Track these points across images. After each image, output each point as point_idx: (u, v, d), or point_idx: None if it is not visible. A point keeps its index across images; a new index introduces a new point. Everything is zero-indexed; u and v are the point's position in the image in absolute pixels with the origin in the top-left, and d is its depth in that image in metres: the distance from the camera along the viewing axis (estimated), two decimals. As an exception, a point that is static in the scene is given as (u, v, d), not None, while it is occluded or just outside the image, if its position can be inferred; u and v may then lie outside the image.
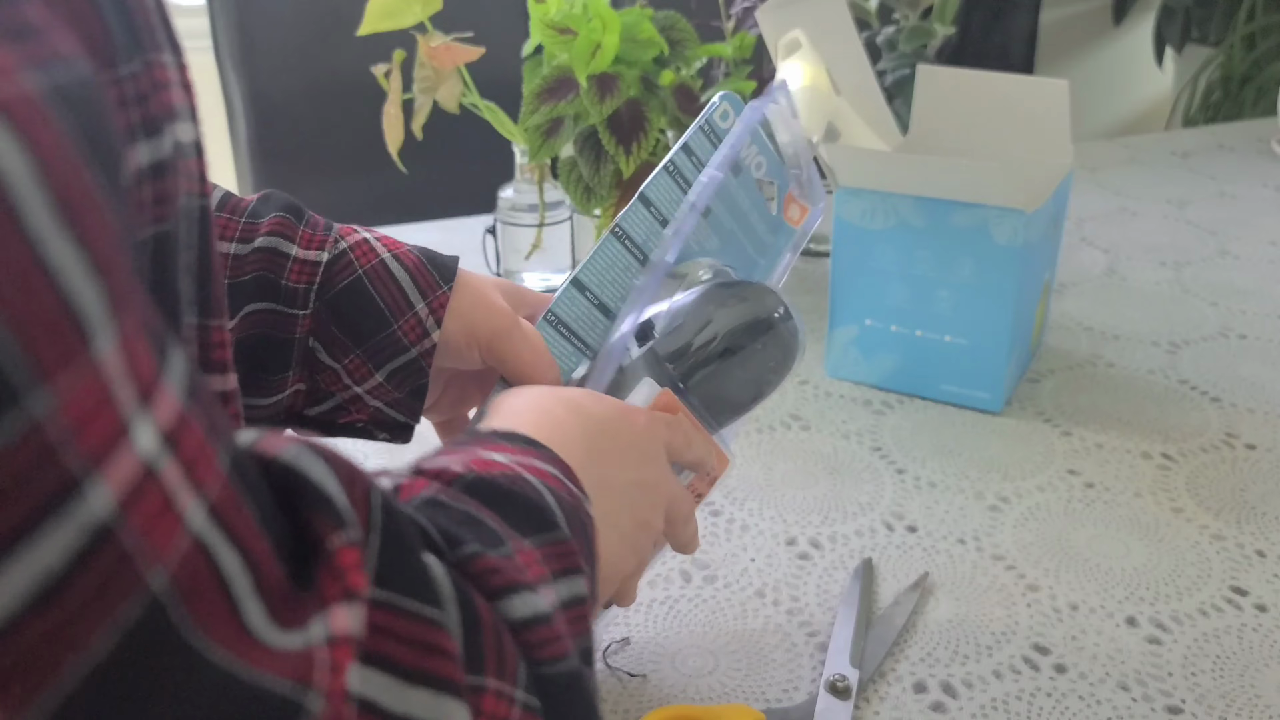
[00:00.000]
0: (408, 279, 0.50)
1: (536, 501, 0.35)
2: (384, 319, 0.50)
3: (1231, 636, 0.57)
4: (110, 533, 0.19)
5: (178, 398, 0.21)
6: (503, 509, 0.33)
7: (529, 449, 0.39)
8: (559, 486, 0.37)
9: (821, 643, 0.57)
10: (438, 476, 0.34)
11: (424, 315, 0.50)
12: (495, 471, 0.35)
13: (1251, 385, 0.82)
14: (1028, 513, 0.68)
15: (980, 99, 0.83)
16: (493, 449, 0.37)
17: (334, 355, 0.51)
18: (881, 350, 0.81)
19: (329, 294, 0.50)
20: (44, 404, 0.18)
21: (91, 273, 0.19)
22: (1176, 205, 1.18)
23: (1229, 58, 2.10)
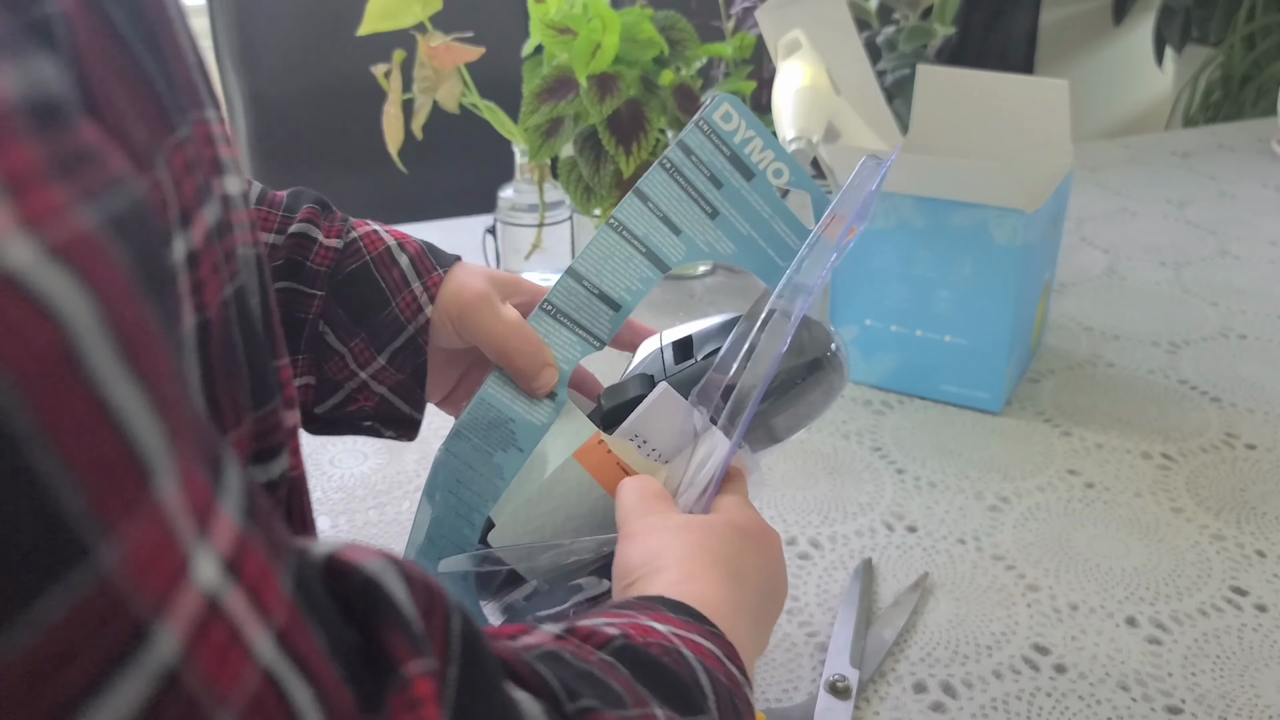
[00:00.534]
0: (408, 262, 0.54)
1: (687, 678, 0.34)
2: (385, 298, 0.53)
3: (1231, 636, 0.57)
4: (179, 676, 0.18)
5: (236, 521, 0.20)
6: (649, 680, 0.32)
7: (693, 623, 0.38)
8: (718, 667, 0.36)
9: (821, 643, 0.57)
10: (589, 638, 0.33)
11: (419, 293, 0.53)
12: (651, 640, 0.34)
13: (1251, 385, 0.82)
14: (1028, 513, 0.68)
15: (980, 99, 0.83)
16: (655, 619, 0.37)
17: (341, 338, 0.54)
18: (882, 350, 0.81)
19: (339, 277, 0.54)
20: (111, 555, 0.17)
21: (152, 412, 0.18)
22: (1176, 205, 1.18)
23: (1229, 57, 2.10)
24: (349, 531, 0.65)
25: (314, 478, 0.70)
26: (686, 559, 0.43)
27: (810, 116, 0.73)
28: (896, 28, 1.05)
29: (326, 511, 0.67)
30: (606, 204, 0.91)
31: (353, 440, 0.74)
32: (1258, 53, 2.08)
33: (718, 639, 0.38)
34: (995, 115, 0.82)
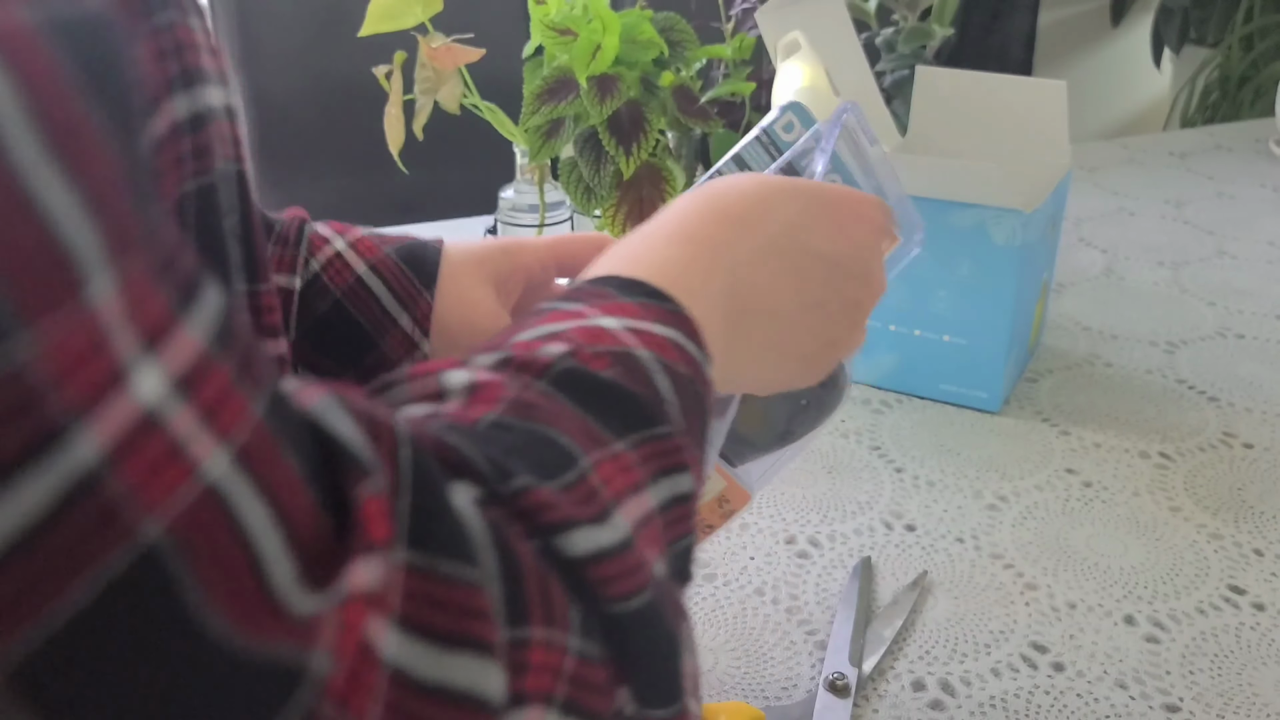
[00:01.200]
0: (386, 293, 0.48)
1: (642, 390, 0.31)
2: (369, 341, 0.48)
3: (1229, 635, 0.58)
4: (97, 481, 0.18)
5: (199, 341, 0.20)
6: (596, 407, 0.30)
7: (649, 304, 0.34)
8: (676, 358, 0.33)
9: (820, 641, 0.57)
10: (527, 367, 0.30)
11: (409, 328, 0.48)
12: (601, 348, 0.32)
13: (1249, 385, 0.83)
14: (1026, 512, 0.68)
15: (979, 100, 0.83)
16: (605, 309, 0.34)
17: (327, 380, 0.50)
18: (880, 350, 0.81)
19: (308, 323, 0.48)
20: (26, 348, 0.17)
21: (86, 212, 0.18)
22: (1174, 205, 1.19)
23: (1227, 58, 2.11)
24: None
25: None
26: (676, 215, 0.40)
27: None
28: (895, 29, 1.05)
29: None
30: (607, 204, 0.91)
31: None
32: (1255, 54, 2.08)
33: (676, 318, 0.35)
34: (994, 116, 0.83)
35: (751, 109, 0.96)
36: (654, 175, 0.91)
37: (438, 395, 0.29)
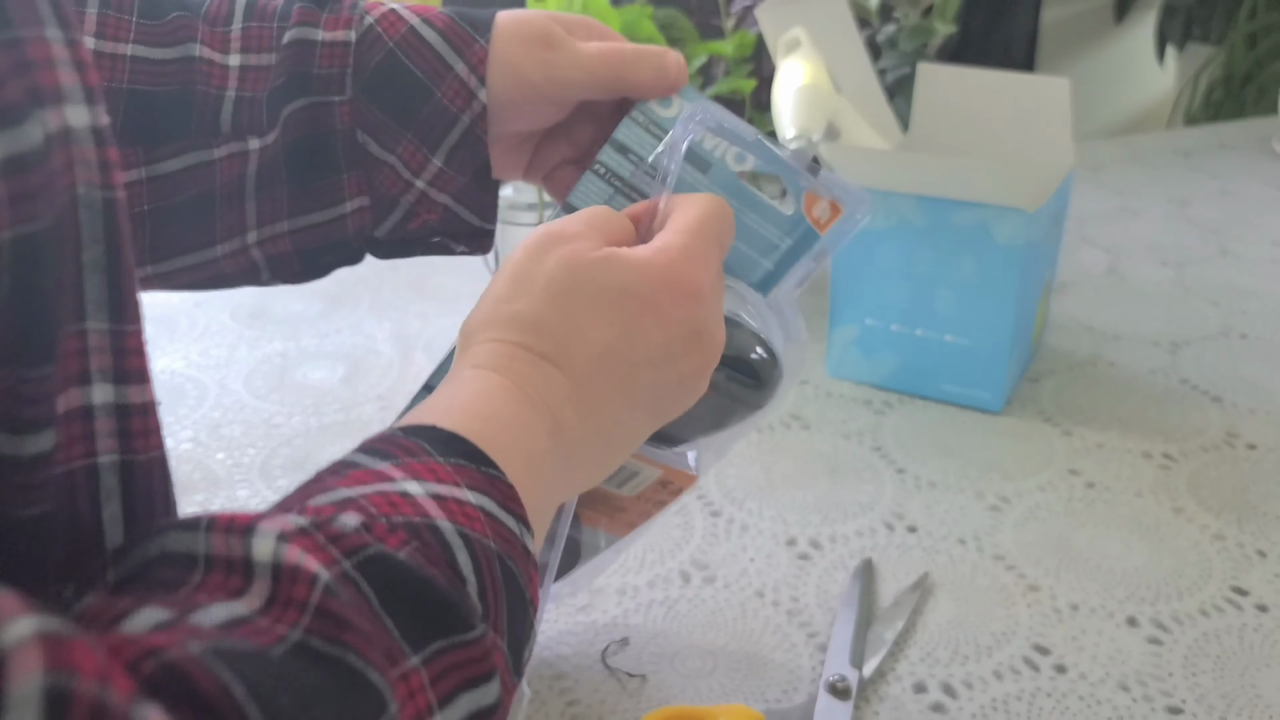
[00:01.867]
0: (440, 40, 0.46)
1: (444, 593, 0.28)
2: (424, 89, 0.46)
3: (1232, 637, 0.57)
4: None
5: None
6: (397, 608, 0.27)
7: (463, 466, 0.32)
8: (482, 531, 0.31)
9: (821, 643, 0.57)
10: (335, 541, 0.27)
11: (464, 75, 0.46)
12: (398, 519, 0.29)
13: (1253, 385, 0.82)
14: (1028, 513, 0.67)
15: (981, 98, 0.83)
16: (413, 470, 0.31)
17: (385, 145, 0.47)
18: (882, 350, 0.80)
19: (364, 76, 0.47)
20: None
21: None
22: (1178, 204, 1.18)
23: (1230, 56, 2.10)
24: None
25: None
26: (500, 350, 0.37)
27: (810, 115, 0.73)
28: (897, 26, 1.05)
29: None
30: (607, 203, 0.91)
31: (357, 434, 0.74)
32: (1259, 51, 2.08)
33: (491, 482, 0.32)
34: (996, 114, 0.82)
35: (752, 106, 0.95)
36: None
37: (240, 586, 0.26)
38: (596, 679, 0.55)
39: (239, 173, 0.48)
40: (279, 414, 0.78)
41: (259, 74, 0.47)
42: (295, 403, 0.80)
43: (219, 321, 0.91)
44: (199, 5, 0.49)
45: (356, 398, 0.80)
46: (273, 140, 0.48)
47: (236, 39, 0.48)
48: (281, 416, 0.78)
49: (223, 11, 0.49)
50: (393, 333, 0.89)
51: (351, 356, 0.86)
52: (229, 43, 0.48)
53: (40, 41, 0.25)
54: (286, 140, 0.47)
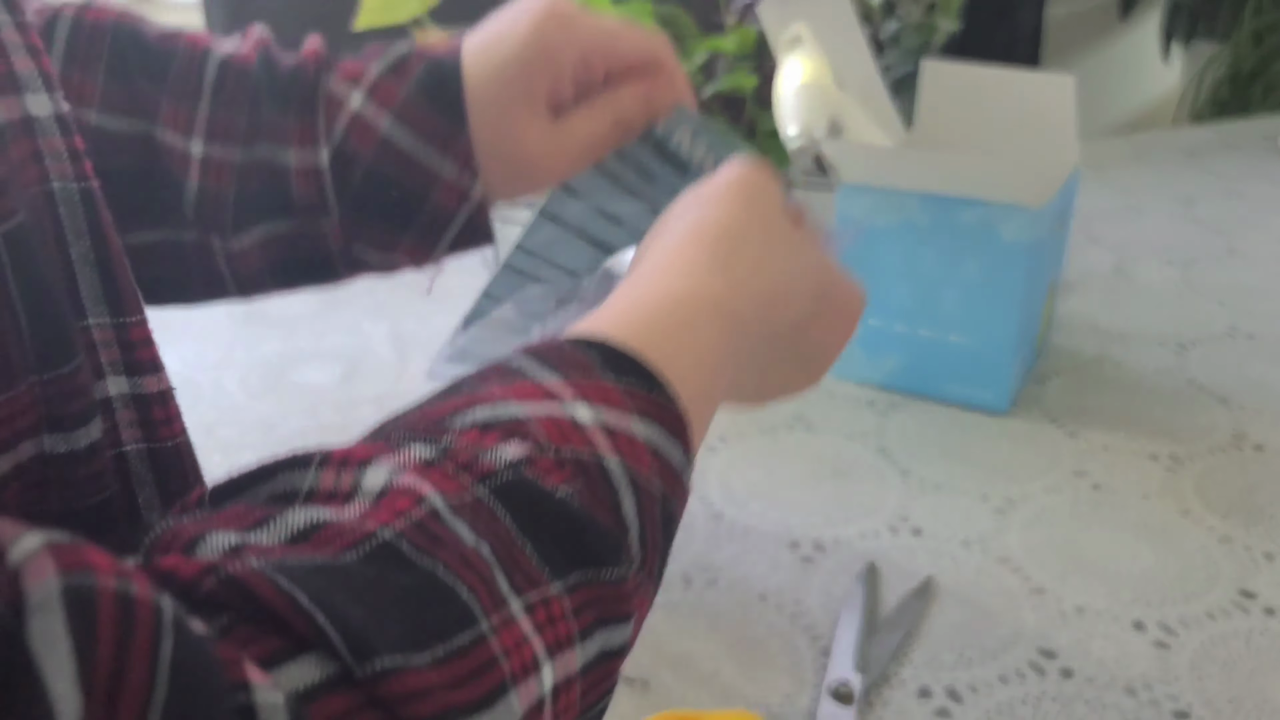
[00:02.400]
0: (418, 145, 0.43)
1: (598, 523, 0.27)
2: (416, 199, 0.44)
3: (1240, 640, 0.57)
4: None
5: None
6: (538, 534, 0.26)
7: (635, 391, 0.29)
8: (648, 469, 0.29)
9: (825, 647, 0.56)
10: (468, 467, 0.25)
11: (454, 177, 0.44)
12: (565, 452, 0.27)
13: (1260, 386, 0.81)
14: (1034, 515, 0.67)
15: (985, 94, 0.82)
16: (582, 391, 0.29)
17: (385, 247, 0.45)
18: (886, 350, 0.80)
19: (349, 194, 0.44)
20: None
21: None
22: (1184, 203, 1.18)
23: (1236, 53, 2.09)
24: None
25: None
26: (672, 255, 0.35)
27: (813, 113, 0.72)
28: (900, 22, 1.04)
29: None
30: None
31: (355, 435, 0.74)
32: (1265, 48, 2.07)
33: (662, 411, 0.30)
34: (1001, 111, 0.82)
35: (754, 104, 0.95)
36: (656, 172, 0.90)
37: (348, 495, 0.25)
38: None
39: (210, 265, 0.46)
40: (275, 415, 0.78)
41: (223, 168, 0.45)
42: (292, 404, 0.79)
43: (214, 322, 0.91)
44: (167, 59, 0.45)
45: (354, 398, 0.80)
46: (249, 249, 0.45)
47: (202, 123, 0.45)
48: (278, 417, 0.77)
49: (190, 80, 0.45)
50: (390, 333, 0.89)
51: (349, 357, 0.85)
52: (193, 124, 0.45)
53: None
54: (270, 259, 0.45)
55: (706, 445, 0.74)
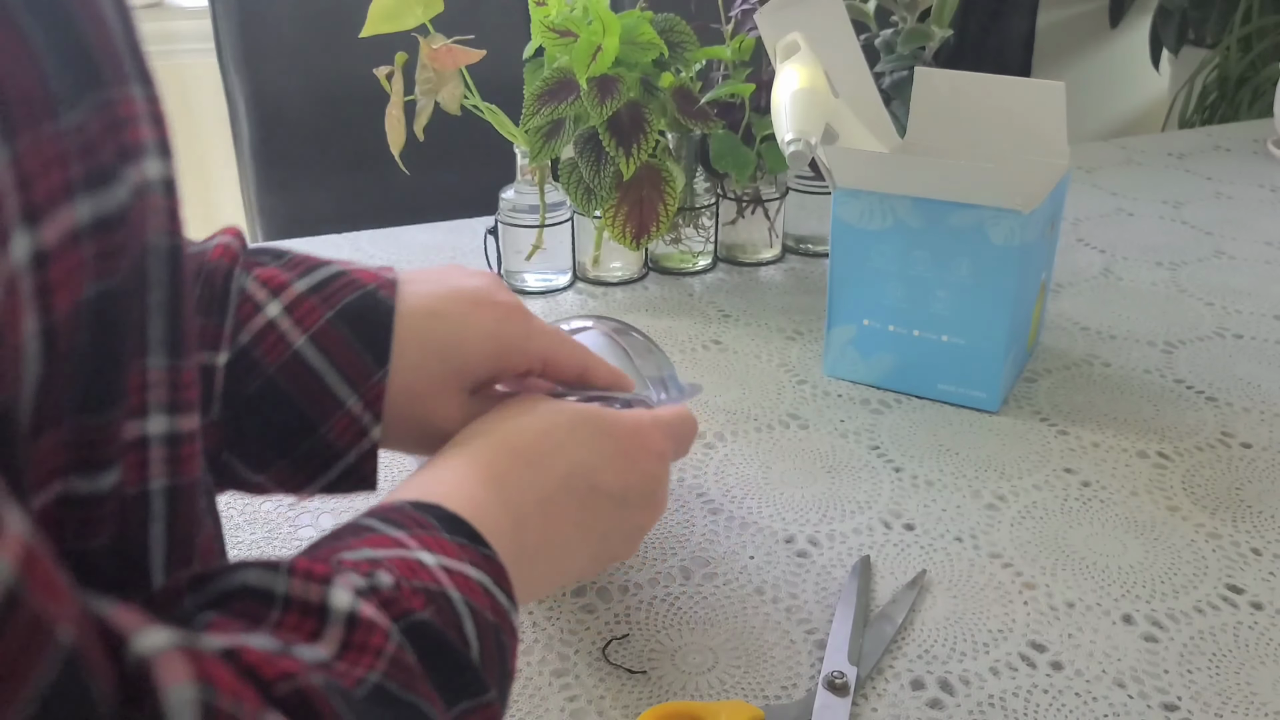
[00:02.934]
0: (330, 369, 0.42)
1: (462, 657, 0.32)
2: (308, 424, 0.42)
3: (1227, 634, 0.58)
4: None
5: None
6: (435, 669, 0.31)
7: (465, 545, 0.35)
8: (484, 603, 0.34)
9: (820, 640, 0.57)
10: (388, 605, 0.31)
11: (358, 412, 0.42)
12: (417, 583, 0.32)
13: (1247, 385, 0.83)
14: (1024, 511, 0.68)
15: (977, 101, 0.84)
16: (424, 542, 0.34)
17: (255, 468, 0.43)
18: (879, 350, 0.81)
19: (236, 404, 0.42)
20: None
21: None
22: (1173, 206, 1.19)
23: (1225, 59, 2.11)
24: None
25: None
26: (475, 449, 0.41)
27: (808, 118, 0.73)
28: (894, 30, 1.06)
29: (329, 510, 0.67)
30: (606, 205, 0.92)
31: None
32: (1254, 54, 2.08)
33: (489, 563, 0.36)
34: (992, 117, 0.83)
35: (751, 110, 0.96)
36: (654, 176, 0.91)
37: (314, 629, 0.29)
38: (598, 674, 0.55)
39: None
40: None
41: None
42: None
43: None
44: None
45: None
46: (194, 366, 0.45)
47: None
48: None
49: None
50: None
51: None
52: None
53: (128, 100, 0.25)
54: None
55: (704, 443, 0.75)
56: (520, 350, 0.46)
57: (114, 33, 0.25)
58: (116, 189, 0.25)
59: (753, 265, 1.03)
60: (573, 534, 0.43)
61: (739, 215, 1.01)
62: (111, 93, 0.25)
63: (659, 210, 0.91)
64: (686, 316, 0.94)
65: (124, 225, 0.25)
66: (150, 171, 0.26)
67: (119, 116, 0.25)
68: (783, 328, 0.91)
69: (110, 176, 0.25)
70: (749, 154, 0.96)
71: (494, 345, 0.45)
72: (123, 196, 0.25)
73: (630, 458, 0.45)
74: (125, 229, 0.25)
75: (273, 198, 1.37)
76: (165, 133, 0.27)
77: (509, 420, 0.43)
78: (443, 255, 1.05)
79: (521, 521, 0.40)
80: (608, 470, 0.44)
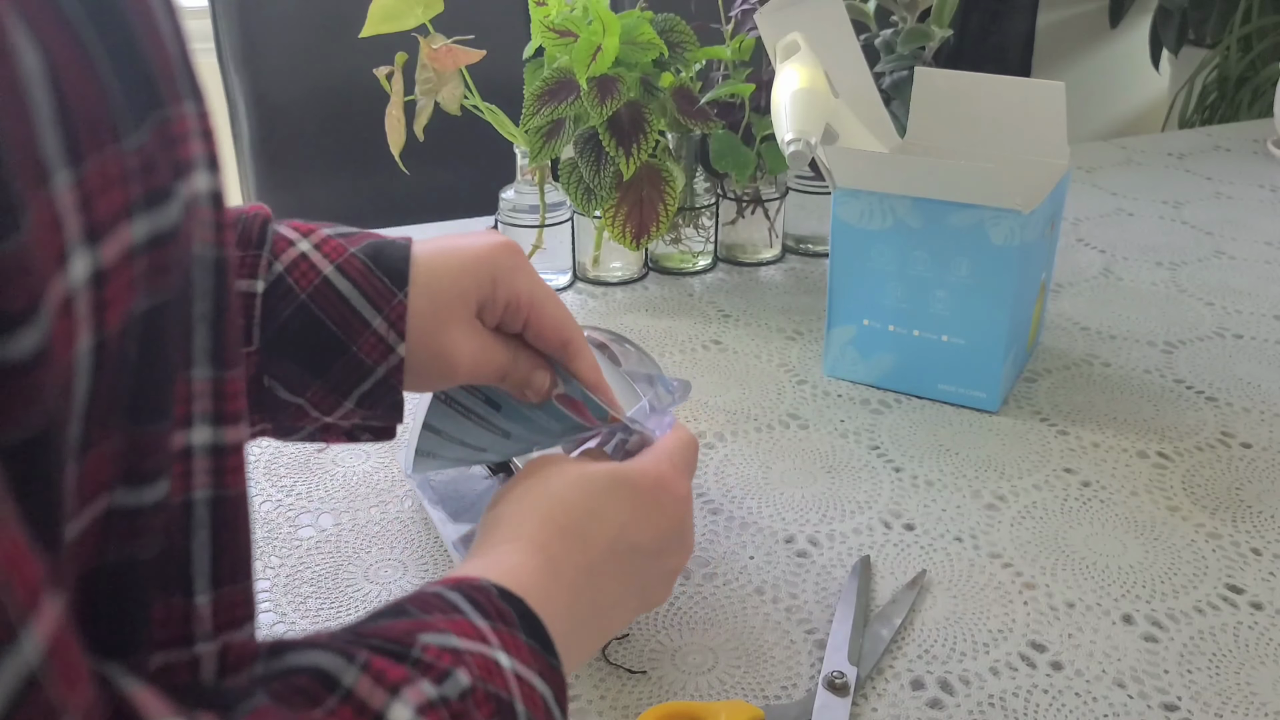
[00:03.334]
0: (356, 293, 0.45)
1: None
2: (339, 344, 0.46)
3: (1227, 634, 0.58)
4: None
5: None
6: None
7: (537, 653, 0.37)
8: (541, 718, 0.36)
9: (820, 640, 0.57)
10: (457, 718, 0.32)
11: (383, 331, 0.46)
12: (491, 689, 0.34)
13: (1247, 384, 0.83)
14: (1024, 511, 0.68)
15: (977, 101, 0.84)
16: (503, 641, 0.36)
17: (294, 390, 0.46)
18: (879, 350, 0.81)
19: (273, 327, 0.45)
20: None
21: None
22: (1172, 206, 1.19)
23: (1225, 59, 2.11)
24: (351, 529, 0.65)
25: (316, 476, 0.70)
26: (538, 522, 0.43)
27: (808, 118, 0.73)
28: (894, 30, 1.06)
29: (329, 510, 0.67)
30: (607, 205, 0.92)
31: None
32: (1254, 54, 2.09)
33: (554, 676, 0.37)
34: (992, 117, 0.83)
35: (751, 110, 0.96)
36: (654, 176, 0.91)
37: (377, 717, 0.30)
38: (598, 675, 0.55)
39: None
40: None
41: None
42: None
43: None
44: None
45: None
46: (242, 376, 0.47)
47: None
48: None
49: None
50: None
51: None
52: None
53: (182, 117, 0.25)
54: None
55: (704, 443, 0.75)
56: (508, 281, 0.48)
57: (170, 50, 0.25)
58: (170, 206, 0.25)
59: (753, 265, 1.03)
60: (618, 593, 0.46)
61: (739, 215, 1.01)
62: (169, 110, 0.25)
63: (659, 210, 0.91)
64: (686, 316, 0.94)
65: (176, 242, 0.25)
66: (199, 185, 0.26)
67: (174, 134, 0.25)
68: (783, 328, 0.91)
69: (166, 194, 0.25)
70: (749, 154, 0.96)
71: (488, 269, 0.48)
72: (175, 213, 0.25)
73: (661, 508, 0.47)
74: (177, 245, 0.25)
75: (273, 198, 1.37)
76: (214, 146, 0.27)
77: (549, 494, 0.45)
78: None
79: (576, 597, 0.42)
80: (645, 527, 0.46)
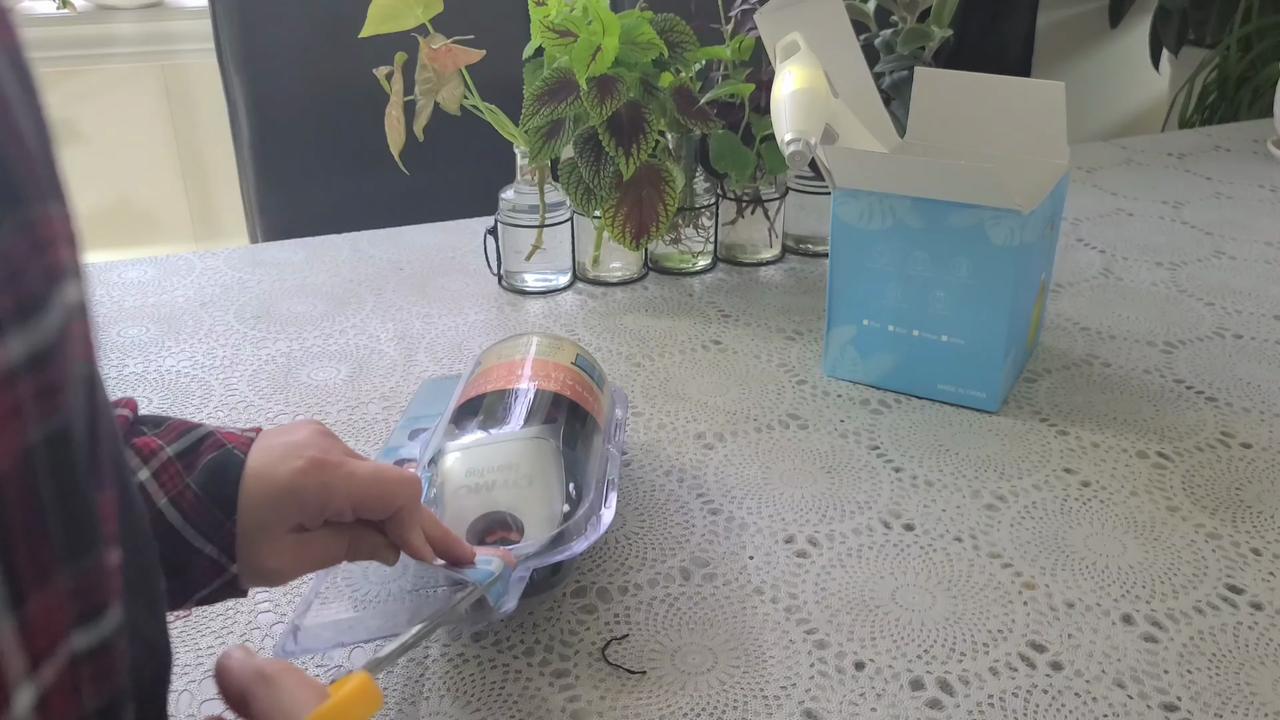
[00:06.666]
0: (187, 526, 0.48)
1: None
2: (173, 568, 0.48)
3: (1227, 634, 0.58)
4: None
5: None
6: None
7: None
8: None
9: (820, 639, 0.57)
10: None
11: (215, 555, 0.48)
12: None
13: (1247, 385, 0.83)
14: (1024, 511, 0.68)
15: (977, 101, 0.84)
16: None
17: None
18: (879, 350, 0.81)
19: None
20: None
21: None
22: (1172, 206, 1.19)
23: (1225, 59, 2.11)
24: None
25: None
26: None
27: (808, 118, 0.73)
28: (894, 30, 1.06)
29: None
30: (606, 205, 0.92)
31: (362, 433, 0.75)
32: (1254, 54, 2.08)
33: None
34: (992, 117, 0.83)
35: (751, 110, 0.96)
36: (653, 176, 0.91)
37: None
38: (598, 675, 0.55)
39: None
40: (284, 414, 0.79)
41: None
42: (300, 403, 0.80)
43: (224, 322, 0.92)
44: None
45: (361, 397, 0.81)
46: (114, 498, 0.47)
47: None
48: (286, 417, 0.78)
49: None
50: (396, 333, 0.90)
51: (355, 357, 0.87)
52: None
53: (47, 219, 0.24)
54: None
55: (704, 443, 0.75)
56: (318, 500, 0.50)
57: (32, 149, 0.23)
58: (50, 318, 0.23)
59: (753, 265, 1.03)
60: None
61: (739, 215, 1.01)
62: (33, 211, 0.23)
63: (659, 210, 0.91)
64: (686, 316, 0.94)
65: (59, 359, 0.23)
66: (70, 295, 0.24)
67: (41, 238, 0.23)
68: (783, 328, 0.91)
69: (42, 304, 0.23)
70: (749, 154, 0.96)
71: (293, 500, 0.49)
72: (55, 326, 0.23)
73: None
74: (61, 363, 0.24)
75: (273, 198, 1.37)
76: (79, 254, 0.25)
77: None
78: (442, 255, 1.05)
79: None
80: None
